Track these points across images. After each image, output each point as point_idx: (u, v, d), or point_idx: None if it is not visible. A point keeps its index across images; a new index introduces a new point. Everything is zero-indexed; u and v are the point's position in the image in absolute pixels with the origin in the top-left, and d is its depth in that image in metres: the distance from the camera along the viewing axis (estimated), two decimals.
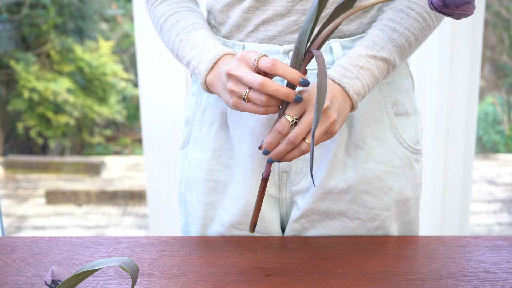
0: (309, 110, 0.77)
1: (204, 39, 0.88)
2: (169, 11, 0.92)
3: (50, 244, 0.92)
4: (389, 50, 0.85)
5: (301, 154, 0.78)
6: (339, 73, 0.82)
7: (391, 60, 0.85)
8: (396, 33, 0.85)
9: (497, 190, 3.80)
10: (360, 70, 0.82)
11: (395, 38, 0.85)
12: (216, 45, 0.86)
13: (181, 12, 0.92)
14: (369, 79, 0.83)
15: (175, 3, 0.93)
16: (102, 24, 5.31)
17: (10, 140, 4.92)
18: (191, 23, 0.90)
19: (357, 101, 0.82)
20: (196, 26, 0.90)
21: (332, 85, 0.81)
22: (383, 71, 0.85)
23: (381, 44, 0.84)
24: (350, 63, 0.83)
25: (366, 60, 0.83)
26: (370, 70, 0.83)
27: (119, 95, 5.05)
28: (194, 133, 0.97)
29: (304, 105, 0.77)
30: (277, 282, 0.80)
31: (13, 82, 4.65)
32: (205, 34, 0.89)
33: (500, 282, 0.79)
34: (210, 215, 0.96)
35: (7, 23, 4.57)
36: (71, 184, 4.10)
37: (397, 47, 0.85)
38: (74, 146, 5.11)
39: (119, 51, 5.30)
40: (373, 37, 0.85)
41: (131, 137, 5.40)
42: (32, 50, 4.75)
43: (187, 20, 0.91)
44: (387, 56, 0.84)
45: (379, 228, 0.94)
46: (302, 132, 0.77)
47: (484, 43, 3.58)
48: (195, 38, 0.88)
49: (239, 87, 0.78)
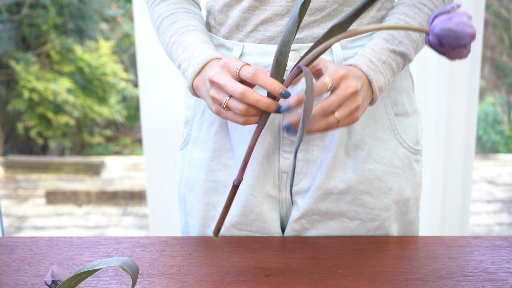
0: (343, 87, 0.76)
1: (195, 42, 0.88)
2: (165, 12, 0.92)
3: (50, 244, 0.92)
4: (406, 45, 0.85)
5: (327, 128, 0.77)
6: (366, 65, 0.82)
7: (408, 55, 0.85)
8: None
9: (497, 190, 3.80)
10: (383, 65, 0.82)
11: (410, 33, 0.85)
12: (206, 49, 0.86)
13: (177, 14, 0.92)
14: (390, 75, 0.83)
15: (172, 4, 0.93)
16: (102, 24, 5.32)
17: (10, 140, 4.92)
18: (185, 25, 0.90)
19: (377, 96, 0.82)
20: (189, 28, 0.90)
21: (361, 75, 0.80)
22: (400, 66, 0.85)
23: (399, 39, 0.84)
24: (375, 56, 0.82)
25: (388, 55, 0.83)
26: (391, 65, 0.83)
27: (119, 95, 5.05)
28: (193, 134, 0.97)
29: (341, 80, 0.76)
30: (277, 282, 0.80)
31: (13, 82, 4.66)
32: (197, 37, 0.89)
33: (500, 282, 0.79)
34: (210, 216, 0.96)
35: (7, 23, 4.57)
36: (71, 184, 4.10)
37: (412, 42, 0.86)
38: (74, 146, 5.11)
39: (119, 51, 5.30)
40: (390, 30, 0.85)
41: (131, 137, 5.40)
42: (32, 50, 4.75)
43: (182, 22, 0.91)
44: (405, 50, 0.85)
45: (379, 228, 0.94)
46: (336, 102, 0.75)
47: (484, 43, 3.58)
48: (187, 40, 0.88)
49: (220, 95, 0.78)
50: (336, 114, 0.76)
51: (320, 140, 0.90)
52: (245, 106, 0.76)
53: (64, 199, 3.85)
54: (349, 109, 0.77)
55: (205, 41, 0.88)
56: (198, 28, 0.91)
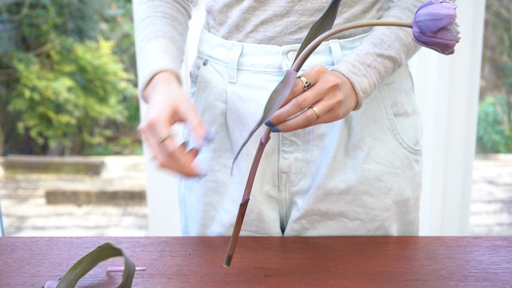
0: (321, 82, 0.76)
1: (155, 50, 0.86)
2: (144, 14, 0.92)
3: (50, 244, 0.92)
4: (396, 49, 0.85)
5: (306, 123, 0.75)
6: (347, 69, 0.81)
7: (397, 59, 0.85)
8: (403, 32, 0.85)
9: (497, 190, 3.80)
10: (367, 68, 0.82)
11: (401, 37, 0.85)
12: (159, 60, 0.84)
13: (153, 18, 0.91)
14: (375, 78, 0.83)
15: (153, 7, 0.92)
16: (102, 24, 5.31)
17: (10, 140, 4.92)
18: (154, 30, 0.89)
19: (362, 99, 0.81)
20: (157, 35, 0.88)
21: (342, 76, 0.80)
22: (389, 70, 0.85)
23: (388, 43, 0.84)
24: (358, 61, 0.82)
25: (374, 59, 0.83)
26: (377, 68, 0.83)
27: (119, 95, 5.05)
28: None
29: (318, 75, 0.76)
30: (277, 282, 0.80)
31: (13, 82, 4.65)
32: (159, 44, 0.87)
33: (500, 283, 0.79)
34: (210, 216, 0.96)
35: (7, 23, 4.57)
36: (71, 184, 4.10)
37: (403, 46, 0.85)
38: (74, 146, 5.11)
39: (119, 51, 5.30)
40: (380, 34, 0.85)
41: (131, 137, 5.40)
42: (32, 50, 4.75)
43: (154, 26, 0.89)
44: (394, 55, 0.85)
45: (379, 228, 0.94)
46: (311, 97, 0.75)
47: (484, 43, 3.58)
48: (149, 48, 0.87)
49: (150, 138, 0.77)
50: (314, 108, 0.75)
51: (320, 140, 0.90)
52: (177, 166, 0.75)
53: (64, 199, 3.85)
54: (329, 104, 0.76)
55: (165, 50, 0.87)
56: (166, 34, 0.89)
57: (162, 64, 0.84)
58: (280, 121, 0.75)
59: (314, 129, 0.89)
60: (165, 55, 0.86)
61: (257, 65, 0.88)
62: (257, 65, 0.88)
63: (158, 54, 0.86)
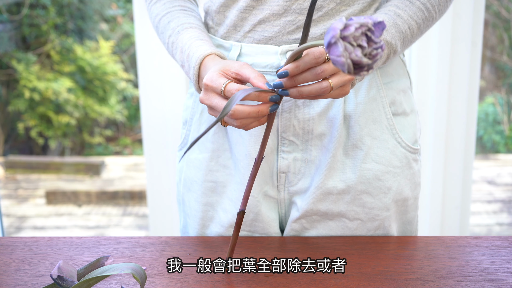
0: None
1: (190, 40, 0.88)
2: (162, 11, 0.93)
3: (50, 244, 0.92)
4: (392, 34, 0.85)
5: (319, 93, 0.75)
6: None
7: (393, 44, 0.85)
8: (400, 19, 0.86)
9: (497, 190, 3.80)
10: None
11: (398, 24, 0.86)
12: (199, 47, 0.86)
13: (173, 12, 0.92)
14: None
15: (169, 2, 0.94)
16: (102, 24, 5.31)
17: (10, 140, 4.92)
18: (181, 23, 0.91)
19: (356, 80, 0.83)
20: (185, 26, 0.90)
21: None
22: (384, 55, 0.85)
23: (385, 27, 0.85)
24: None
25: None
26: None
27: (119, 95, 5.05)
28: (192, 134, 0.97)
29: None
30: (277, 282, 0.80)
31: (13, 82, 4.65)
32: (192, 34, 0.89)
33: (500, 283, 0.79)
34: (209, 216, 0.96)
35: (7, 23, 4.57)
36: (71, 184, 4.10)
37: (400, 33, 0.86)
38: (74, 146, 5.11)
39: (119, 51, 5.30)
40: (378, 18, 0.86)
41: (131, 137, 5.40)
42: (32, 50, 4.75)
43: (178, 20, 0.91)
44: (390, 39, 0.85)
45: (378, 228, 0.94)
46: (330, 70, 0.75)
47: (484, 43, 3.58)
48: (183, 40, 0.88)
49: (215, 113, 0.79)
50: (330, 80, 0.76)
51: (319, 140, 0.90)
52: (239, 121, 0.77)
53: (64, 199, 3.85)
54: (343, 79, 0.76)
55: (199, 38, 0.88)
56: (194, 25, 0.91)
57: (203, 50, 0.85)
58: (293, 85, 0.75)
59: (313, 129, 0.89)
60: (201, 42, 0.87)
61: (256, 65, 0.88)
62: (255, 65, 0.89)
63: (194, 43, 0.87)
